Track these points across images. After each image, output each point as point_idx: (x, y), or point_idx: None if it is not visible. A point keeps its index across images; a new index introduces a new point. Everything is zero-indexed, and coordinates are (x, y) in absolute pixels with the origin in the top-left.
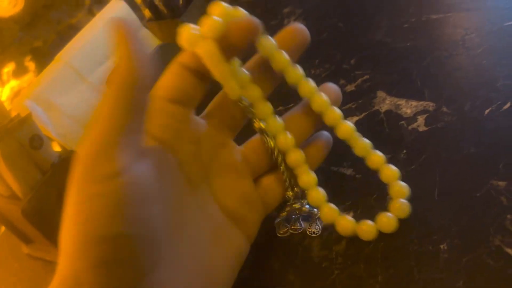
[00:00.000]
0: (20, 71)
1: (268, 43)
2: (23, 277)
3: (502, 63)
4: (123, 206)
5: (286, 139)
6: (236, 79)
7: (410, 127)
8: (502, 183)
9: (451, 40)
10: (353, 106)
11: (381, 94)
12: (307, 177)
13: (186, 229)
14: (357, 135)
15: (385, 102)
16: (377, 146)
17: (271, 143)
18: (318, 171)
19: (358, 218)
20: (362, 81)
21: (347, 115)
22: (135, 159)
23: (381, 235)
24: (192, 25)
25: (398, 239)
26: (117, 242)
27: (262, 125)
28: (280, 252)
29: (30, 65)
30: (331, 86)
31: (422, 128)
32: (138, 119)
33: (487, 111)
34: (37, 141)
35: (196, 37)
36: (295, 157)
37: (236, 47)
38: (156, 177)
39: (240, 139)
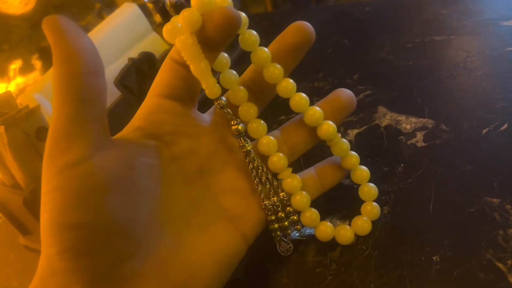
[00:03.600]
0: (26, 69)
1: (251, 38)
2: (19, 268)
3: (501, 86)
4: (83, 196)
5: (269, 143)
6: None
7: (408, 142)
8: (496, 200)
9: (453, 61)
10: (354, 119)
11: (382, 109)
12: (292, 181)
13: (172, 222)
14: (339, 136)
15: (385, 117)
16: (375, 159)
17: (248, 147)
18: None
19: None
20: (364, 96)
21: (347, 127)
22: (95, 149)
23: (376, 244)
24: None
25: (391, 249)
26: (83, 230)
27: (240, 127)
28: (275, 256)
29: (37, 63)
30: (344, 92)
31: (420, 144)
32: (92, 108)
33: (484, 130)
34: (43, 133)
35: (177, 30)
36: (278, 160)
37: (213, 40)
38: (125, 168)
39: None
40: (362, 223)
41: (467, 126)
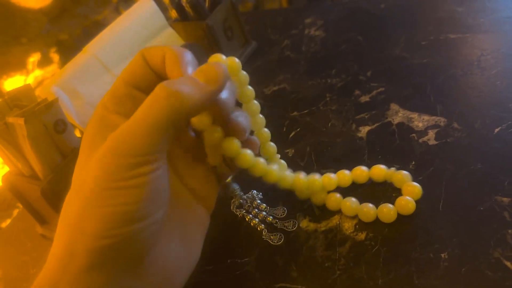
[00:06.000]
0: (44, 62)
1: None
2: (35, 256)
3: None
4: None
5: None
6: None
7: (420, 140)
8: (506, 199)
9: (467, 60)
10: (366, 116)
11: (394, 106)
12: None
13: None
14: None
15: (398, 115)
16: (387, 156)
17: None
18: None
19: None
20: (377, 93)
21: (360, 124)
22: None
23: (385, 240)
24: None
25: (400, 246)
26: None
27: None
28: (285, 250)
29: (55, 56)
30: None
31: (432, 142)
32: None
33: (496, 129)
34: (61, 125)
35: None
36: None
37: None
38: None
39: None
40: (406, 203)
41: (479, 125)
